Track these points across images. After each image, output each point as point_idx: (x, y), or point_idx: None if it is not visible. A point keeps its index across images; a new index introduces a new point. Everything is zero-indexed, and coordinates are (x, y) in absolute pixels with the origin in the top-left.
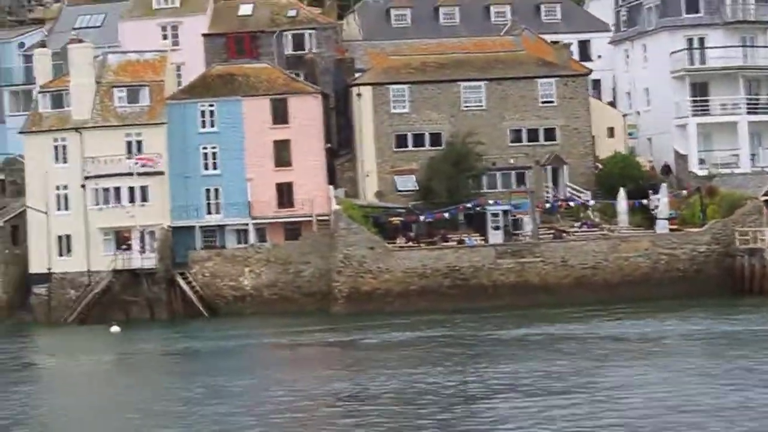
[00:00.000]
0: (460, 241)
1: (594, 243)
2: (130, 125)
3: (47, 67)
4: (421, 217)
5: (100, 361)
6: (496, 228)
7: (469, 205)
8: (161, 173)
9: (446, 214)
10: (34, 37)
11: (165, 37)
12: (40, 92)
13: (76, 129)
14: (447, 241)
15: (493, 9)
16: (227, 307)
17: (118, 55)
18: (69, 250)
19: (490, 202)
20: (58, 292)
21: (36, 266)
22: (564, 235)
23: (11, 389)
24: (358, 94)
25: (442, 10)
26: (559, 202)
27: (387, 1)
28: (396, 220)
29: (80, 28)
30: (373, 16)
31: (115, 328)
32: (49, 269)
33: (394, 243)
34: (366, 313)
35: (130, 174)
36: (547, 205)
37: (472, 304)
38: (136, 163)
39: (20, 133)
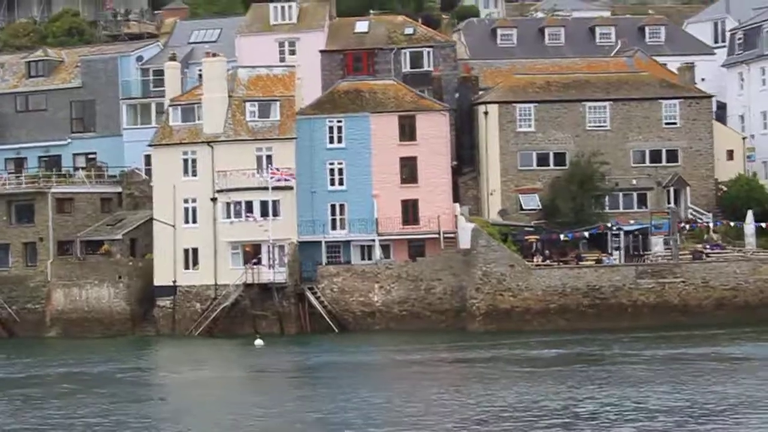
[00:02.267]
0: (598, 261)
1: (735, 264)
2: (262, 140)
3: (177, 81)
4: (561, 236)
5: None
6: (617, 248)
7: (610, 225)
8: (291, 188)
9: (586, 234)
10: (151, 50)
11: (282, 53)
12: (170, 105)
13: (208, 143)
14: (581, 260)
15: (598, 30)
16: (356, 323)
17: (248, 69)
18: (195, 263)
19: (631, 222)
20: (183, 305)
21: (161, 279)
22: (703, 256)
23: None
24: (485, 112)
25: (547, 31)
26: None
27: (492, 21)
28: (533, 238)
29: (196, 42)
30: (479, 36)
31: (259, 342)
32: (174, 282)
33: (531, 261)
34: (504, 332)
35: (264, 188)
36: (688, 227)
37: (610, 323)
38: (272, 177)
39: (149, 145)
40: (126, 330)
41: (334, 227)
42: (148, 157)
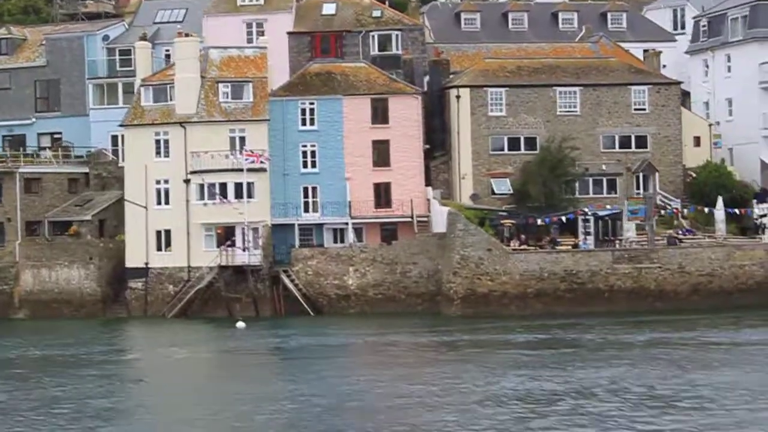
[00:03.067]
0: (575, 246)
1: (710, 250)
2: (235, 121)
3: (148, 61)
4: (538, 220)
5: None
6: (587, 234)
7: (587, 210)
8: (264, 170)
9: (563, 218)
10: (116, 30)
11: (250, 34)
12: (141, 86)
13: (181, 123)
14: (556, 245)
15: (561, 15)
16: (330, 306)
17: (220, 50)
18: (168, 245)
19: (608, 207)
20: (156, 287)
21: (132, 260)
22: (678, 242)
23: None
24: (457, 96)
25: (510, 16)
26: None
27: (455, 5)
28: (508, 222)
29: (161, 22)
30: (442, 19)
31: (240, 324)
32: (146, 264)
33: (508, 245)
34: (482, 316)
35: (238, 170)
36: (664, 212)
37: (587, 308)
38: (246, 159)
39: (121, 125)
40: (96, 312)
41: (306, 210)
42: (114, 138)
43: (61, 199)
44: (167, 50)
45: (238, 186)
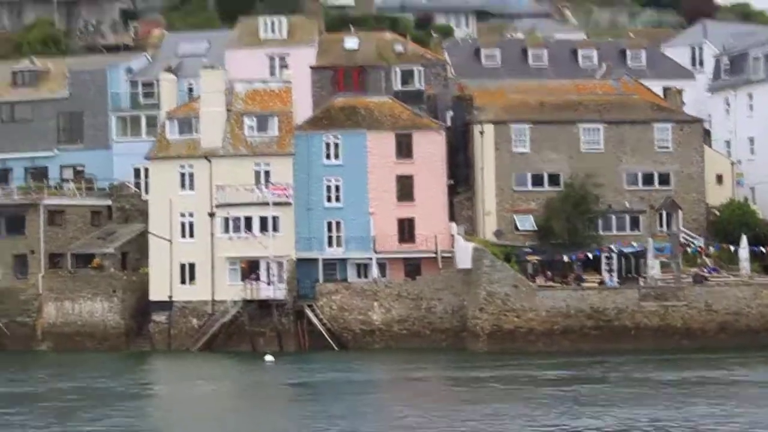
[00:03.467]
0: (601, 283)
1: (737, 289)
2: (261, 155)
3: (173, 93)
4: (564, 257)
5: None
6: (610, 271)
7: (613, 247)
8: (289, 204)
9: (589, 255)
10: (139, 62)
11: (272, 68)
12: (167, 118)
13: (206, 157)
14: (581, 282)
15: (580, 52)
16: (354, 341)
17: (245, 83)
18: (192, 278)
19: (634, 244)
20: (180, 321)
21: (156, 293)
22: (704, 280)
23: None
24: (481, 132)
25: (530, 52)
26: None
27: (475, 42)
28: (534, 258)
29: (184, 55)
30: (463, 55)
31: (269, 358)
32: (170, 297)
33: (533, 282)
34: (509, 352)
35: (263, 204)
36: (689, 250)
37: (614, 345)
38: (273, 193)
39: (146, 158)
40: (120, 345)
41: (330, 244)
42: (137, 170)
43: (84, 232)
44: (190, 83)
45: (263, 220)
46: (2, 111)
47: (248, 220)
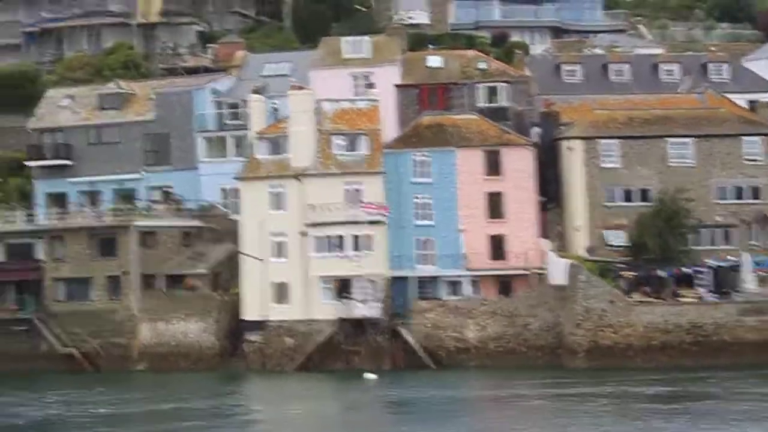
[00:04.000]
0: (699, 298)
1: None
2: (352, 173)
3: (262, 113)
4: (660, 272)
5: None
6: (703, 286)
7: (710, 261)
8: (383, 222)
9: (686, 270)
10: (224, 83)
11: (356, 87)
12: (257, 138)
13: (297, 176)
14: (677, 297)
15: (662, 66)
16: (449, 359)
17: (332, 102)
18: (286, 298)
19: (731, 258)
20: (274, 340)
21: (249, 313)
22: None
23: None
24: (569, 148)
25: (611, 67)
26: None
27: (555, 57)
28: (629, 274)
29: (267, 76)
30: (543, 72)
31: (371, 376)
32: (263, 317)
33: (630, 297)
34: (607, 368)
35: (355, 222)
36: None
37: (713, 360)
38: (369, 213)
39: (236, 179)
40: (214, 365)
41: (420, 262)
42: (224, 191)
43: (175, 253)
44: (275, 103)
45: (356, 238)
46: (89, 134)
47: (340, 239)
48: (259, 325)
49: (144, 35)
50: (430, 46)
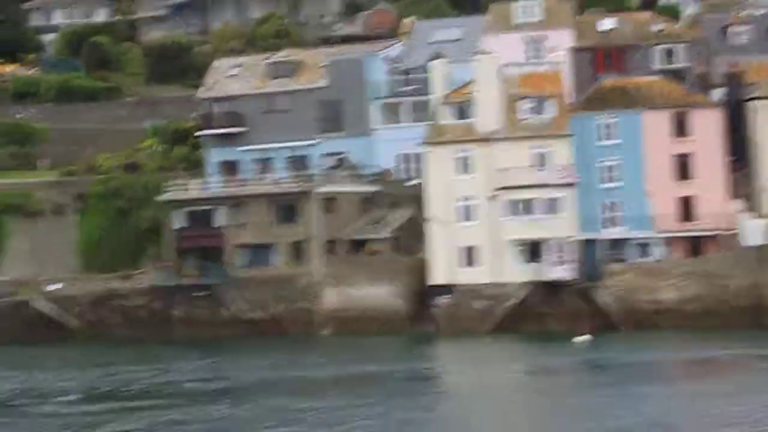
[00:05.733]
0: None
1: None
2: (539, 137)
3: (444, 79)
4: None
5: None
6: None
7: None
8: (572, 185)
9: None
10: (394, 50)
11: (529, 51)
12: (443, 103)
13: (483, 140)
14: None
15: None
16: (644, 321)
17: (516, 66)
18: (475, 261)
19: None
20: (463, 303)
21: (437, 277)
22: None
23: None
24: (757, 108)
25: None
26: None
27: (723, 19)
28: None
29: (437, 42)
30: (710, 33)
31: (582, 338)
32: (451, 280)
33: None
34: None
35: (545, 186)
36: None
37: None
38: (559, 175)
39: (423, 144)
40: (402, 328)
41: (607, 225)
42: (400, 156)
43: (355, 218)
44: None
45: (546, 201)
46: (261, 102)
47: (528, 203)
48: (447, 289)
49: (288, 4)
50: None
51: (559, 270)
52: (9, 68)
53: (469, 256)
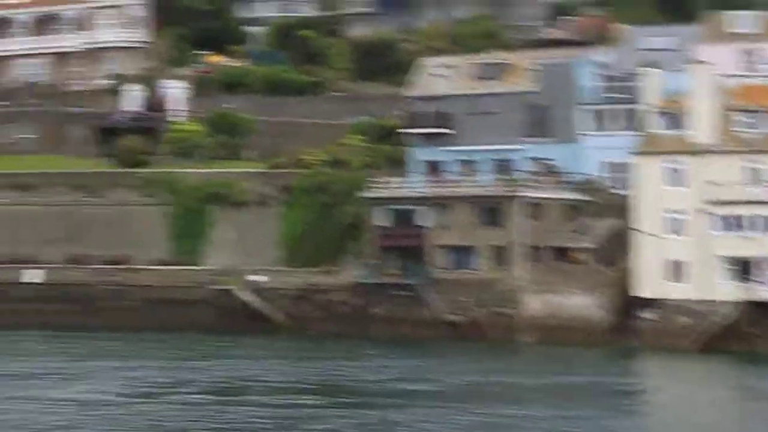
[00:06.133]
0: None
1: None
2: (755, 152)
3: (657, 88)
4: None
5: None
6: None
7: None
8: None
9: None
10: (606, 56)
11: (744, 63)
12: (655, 112)
13: (696, 152)
14: None
15: None
16: None
17: (734, 78)
18: (683, 276)
19: None
20: (669, 318)
21: (642, 290)
22: None
23: None
24: None
25: None
26: None
27: None
28: None
29: (647, 49)
30: None
31: None
32: (656, 294)
33: None
34: None
35: (759, 202)
36: None
37: None
38: None
39: (632, 153)
40: (604, 340)
41: None
42: (608, 165)
43: (559, 225)
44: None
45: (761, 219)
46: (468, 103)
47: (738, 219)
48: (650, 302)
49: (495, 6)
50: None
51: None
52: (216, 59)
53: (676, 270)
